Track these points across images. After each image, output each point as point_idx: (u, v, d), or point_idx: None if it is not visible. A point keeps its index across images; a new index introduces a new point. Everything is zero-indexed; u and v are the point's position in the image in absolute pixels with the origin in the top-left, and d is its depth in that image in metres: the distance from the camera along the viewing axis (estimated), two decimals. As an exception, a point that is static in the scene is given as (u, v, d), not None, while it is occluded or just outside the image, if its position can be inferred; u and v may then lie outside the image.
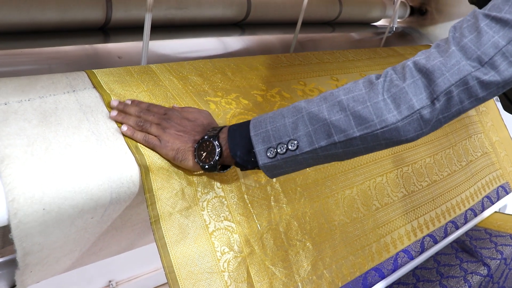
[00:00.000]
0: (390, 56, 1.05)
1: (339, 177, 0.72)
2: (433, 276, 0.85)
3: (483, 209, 0.97)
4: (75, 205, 0.46)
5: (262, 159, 0.51)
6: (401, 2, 1.36)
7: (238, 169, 0.59)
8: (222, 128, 0.55)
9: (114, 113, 0.55)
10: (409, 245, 0.78)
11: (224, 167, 0.56)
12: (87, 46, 0.74)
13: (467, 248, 0.94)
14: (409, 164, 0.85)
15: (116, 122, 0.55)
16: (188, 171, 0.55)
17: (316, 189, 0.68)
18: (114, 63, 0.75)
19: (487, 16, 0.47)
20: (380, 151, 0.78)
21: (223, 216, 0.56)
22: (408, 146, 0.87)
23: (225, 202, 0.57)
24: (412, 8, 1.39)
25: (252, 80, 0.72)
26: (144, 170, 0.51)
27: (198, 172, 0.56)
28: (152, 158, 0.53)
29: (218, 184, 0.58)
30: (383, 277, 0.72)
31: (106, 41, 0.77)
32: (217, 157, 0.52)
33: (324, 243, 0.65)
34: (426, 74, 0.46)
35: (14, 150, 0.45)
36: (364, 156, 0.65)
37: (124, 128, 0.54)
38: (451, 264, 0.89)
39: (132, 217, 0.59)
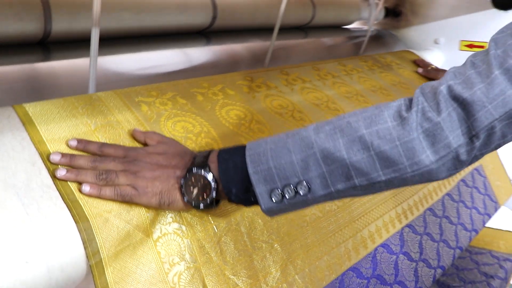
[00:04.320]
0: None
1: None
2: None
3: (459, 194, 0.90)
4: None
5: (265, 203, 0.42)
6: (376, 3, 1.33)
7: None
8: (208, 154, 0.45)
9: (62, 171, 0.42)
10: (388, 238, 0.69)
11: (217, 201, 0.46)
12: (23, 66, 0.62)
13: None
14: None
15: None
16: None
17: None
18: (58, 87, 0.63)
19: None
20: None
21: (171, 217, 0.46)
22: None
23: None
24: (386, 10, 1.34)
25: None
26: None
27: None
28: None
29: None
30: (361, 277, 0.63)
31: (46, 58, 0.66)
32: (214, 192, 0.43)
33: (295, 242, 0.56)
34: (463, 105, 0.39)
35: None
36: None
37: (86, 188, 0.42)
38: None
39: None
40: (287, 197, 0.41)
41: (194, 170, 0.44)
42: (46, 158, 0.44)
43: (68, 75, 0.68)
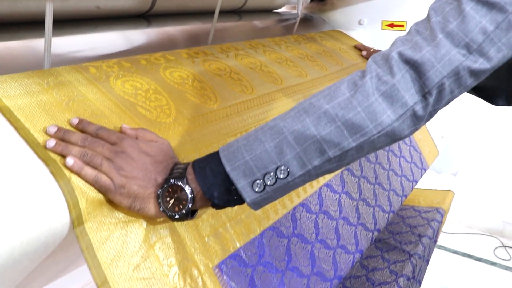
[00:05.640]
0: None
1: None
2: (365, 286, 0.87)
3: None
4: None
5: (249, 196, 0.44)
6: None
7: None
8: (186, 166, 0.46)
9: (51, 142, 0.44)
10: (331, 179, 0.78)
11: (194, 211, 0.47)
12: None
13: (392, 247, 0.97)
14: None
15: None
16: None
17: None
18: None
19: None
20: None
21: None
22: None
23: None
24: (312, -7, 1.41)
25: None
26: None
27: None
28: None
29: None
30: (310, 212, 0.70)
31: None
32: (190, 203, 0.44)
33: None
34: (415, 66, 0.43)
35: None
36: None
37: (70, 161, 0.43)
38: (380, 268, 0.92)
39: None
40: (269, 183, 0.43)
41: (172, 181, 0.44)
42: (5, 112, 0.47)
43: (9, 57, 0.70)
